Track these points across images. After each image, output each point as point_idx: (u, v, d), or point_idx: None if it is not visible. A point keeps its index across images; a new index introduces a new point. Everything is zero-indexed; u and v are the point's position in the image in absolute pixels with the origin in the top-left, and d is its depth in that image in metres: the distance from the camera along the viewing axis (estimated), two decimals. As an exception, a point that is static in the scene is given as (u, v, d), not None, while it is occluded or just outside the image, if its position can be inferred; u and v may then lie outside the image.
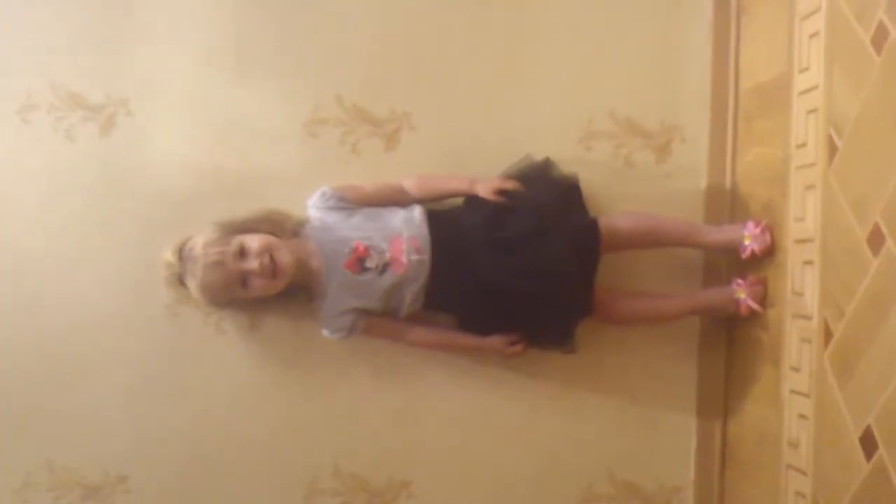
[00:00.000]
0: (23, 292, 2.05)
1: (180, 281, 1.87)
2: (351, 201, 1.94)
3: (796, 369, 1.77)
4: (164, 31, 2.07)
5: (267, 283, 1.83)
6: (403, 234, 1.88)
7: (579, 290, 1.90)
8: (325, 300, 1.90)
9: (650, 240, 2.00)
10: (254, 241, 1.82)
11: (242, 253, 1.82)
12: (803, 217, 1.76)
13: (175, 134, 2.07)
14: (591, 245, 1.90)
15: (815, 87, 1.72)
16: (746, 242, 1.90)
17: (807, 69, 1.76)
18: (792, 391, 1.79)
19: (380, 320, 1.95)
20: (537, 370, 2.06)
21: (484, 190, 1.91)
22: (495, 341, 1.95)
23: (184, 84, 2.07)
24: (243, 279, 1.82)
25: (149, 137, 2.06)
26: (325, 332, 1.94)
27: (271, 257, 1.82)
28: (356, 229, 1.89)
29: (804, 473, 1.72)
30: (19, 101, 2.05)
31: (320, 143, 2.08)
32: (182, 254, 1.85)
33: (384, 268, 1.87)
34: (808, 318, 1.73)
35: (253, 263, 1.80)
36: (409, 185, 1.97)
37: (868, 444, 1.51)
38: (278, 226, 1.90)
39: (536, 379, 2.08)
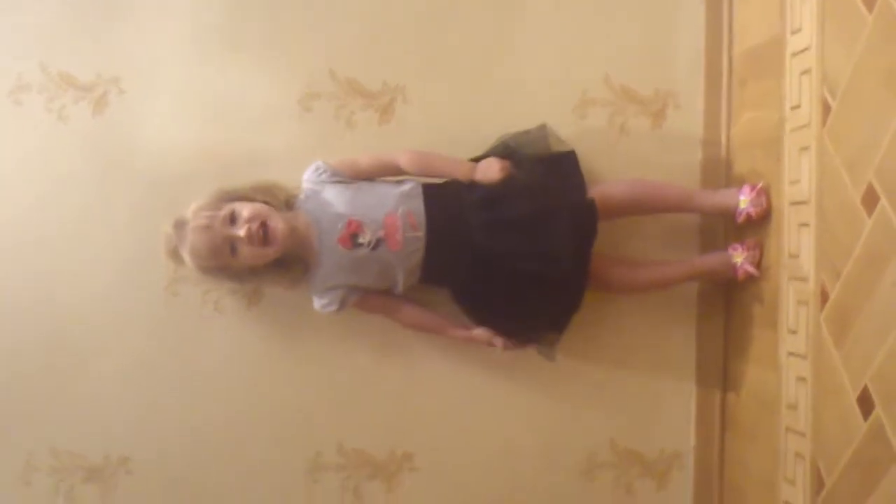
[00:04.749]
0: (19, 276, 2.06)
1: (177, 253, 1.86)
2: (345, 175, 1.93)
3: (794, 332, 1.77)
4: (155, 8, 2.06)
5: (256, 251, 1.81)
6: (399, 209, 1.86)
7: (576, 269, 1.88)
8: (318, 273, 1.89)
9: (646, 206, 2.00)
10: (245, 209, 1.81)
11: (233, 219, 1.81)
12: (798, 179, 1.75)
13: (168, 111, 2.07)
14: (588, 226, 1.88)
15: (808, 48, 1.71)
16: (742, 206, 1.90)
17: (799, 30, 1.75)
18: (790, 353, 1.79)
19: (372, 296, 1.95)
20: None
21: (484, 178, 1.88)
22: (481, 333, 1.95)
23: (176, 61, 2.07)
24: (232, 245, 1.81)
25: (142, 115, 2.06)
26: (315, 306, 1.94)
27: (262, 224, 1.80)
28: (350, 204, 1.87)
29: (803, 435, 1.73)
30: (10, 82, 2.05)
31: (314, 118, 2.07)
32: (177, 223, 1.84)
33: (377, 244, 1.85)
34: (804, 280, 1.73)
35: (241, 230, 1.79)
36: (405, 162, 1.94)
37: (865, 403, 1.51)
38: (273, 196, 1.89)
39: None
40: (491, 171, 1.88)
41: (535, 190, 1.88)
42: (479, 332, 1.96)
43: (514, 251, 1.84)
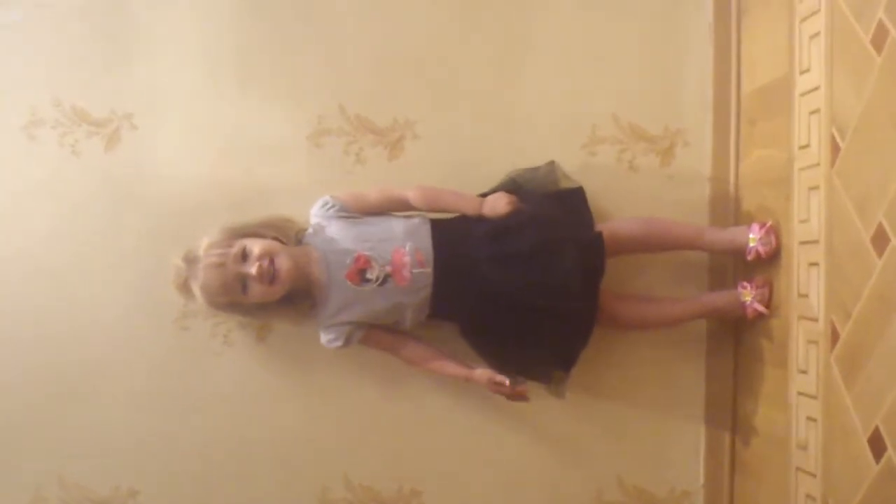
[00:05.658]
0: (30, 308, 2.06)
1: (187, 286, 1.87)
2: (353, 210, 1.93)
3: (803, 371, 1.76)
4: (167, 45, 2.08)
5: (265, 289, 1.81)
6: (407, 245, 1.87)
7: (584, 304, 1.88)
8: (325, 309, 1.89)
9: (655, 243, 2.00)
10: (255, 246, 1.82)
11: (244, 256, 1.82)
12: (807, 218, 1.75)
13: (180, 147, 2.08)
14: (595, 261, 1.88)
15: (817, 88, 1.72)
16: (751, 244, 1.90)
17: (808, 70, 1.76)
18: (799, 393, 1.78)
19: (377, 332, 1.94)
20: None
21: (491, 213, 1.89)
22: (482, 374, 1.91)
23: (187, 97, 2.09)
24: (243, 283, 1.82)
25: (153, 151, 2.08)
26: (322, 340, 1.93)
27: (272, 262, 1.81)
28: (358, 239, 1.88)
29: (813, 475, 1.71)
30: (25, 117, 2.07)
31: (324, 154, 2.08)
32: (188, 257, 1.85)
33: (385, 279, 1.85)
34: (814, 319, 1.72)
35: (252, 267, 1.79)
36: (414, 197, 1.94)
37: (877, 444, 1.50)
38: (283, 232, 1.90)
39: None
40: (499, 205, 1.88)
41: (543, 223, 1.88)
42: (480, 373, 1.93)
43: (521, 284, 1.84)
